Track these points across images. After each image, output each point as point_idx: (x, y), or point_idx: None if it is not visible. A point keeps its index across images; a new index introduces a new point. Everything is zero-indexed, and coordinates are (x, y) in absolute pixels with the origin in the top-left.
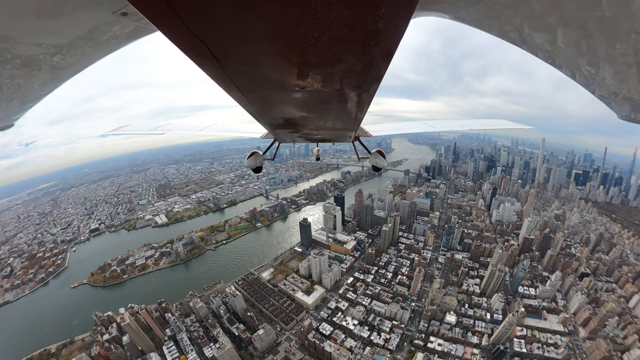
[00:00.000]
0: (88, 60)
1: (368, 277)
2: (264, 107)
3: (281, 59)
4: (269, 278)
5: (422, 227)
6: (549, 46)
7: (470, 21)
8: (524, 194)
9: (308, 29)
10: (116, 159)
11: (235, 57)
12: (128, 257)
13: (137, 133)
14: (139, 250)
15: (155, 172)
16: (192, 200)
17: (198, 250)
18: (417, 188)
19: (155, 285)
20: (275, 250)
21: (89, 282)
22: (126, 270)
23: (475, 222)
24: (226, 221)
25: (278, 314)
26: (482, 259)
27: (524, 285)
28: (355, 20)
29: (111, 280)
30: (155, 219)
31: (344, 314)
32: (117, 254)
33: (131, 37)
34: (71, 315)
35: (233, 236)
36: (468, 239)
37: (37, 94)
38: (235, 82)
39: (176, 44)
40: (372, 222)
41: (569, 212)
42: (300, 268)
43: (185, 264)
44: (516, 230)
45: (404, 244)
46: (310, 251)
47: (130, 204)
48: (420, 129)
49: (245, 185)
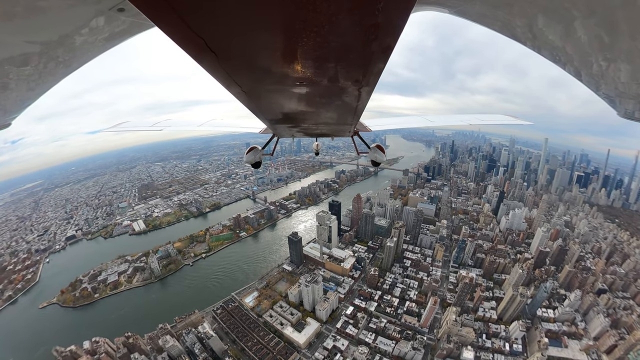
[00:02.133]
0: (85, 57)
1: (371, 304)
2: (263, 102)
3: (280, 54)
4: (252, 305)
5: (429, 238)
6: (560, 41)
7: (472, 15)
8: (529, 197)
9: (307, 23)
10: (105, 156)
11: (234, 51)
12: (101, 271)
13: (136, 130)
14: (113, 263)
15: (140, 170)
16: (174, 204)
17: (174, 266)
18: (418, 191)
19: (126, 309)
20: (260, 266)
21: (58, 301)
22: (97, 289)
23: (485, 231)
24: (207, 229)
25: (264, 355)
26: (496, 276)
27: (542, 307)
28: (354, 14)
29: (81, 300)
30: (133, 226)
31: (344, 356)
32: (90, 267)
33: (128, 33)
34: (36, 344)
35: (214, 248)
36: (480, 253)
37: (34, 92)
38: (233, 77)
39: (174, 40)
40: (372, 232)
41: (575, 217)
42: (290, 295)
43: (160, 282)
44: (527, 240)
45: (410, 260)
46: (301, 269)
47: (110, 207)
48: (419, 124)
49: (232, 185)
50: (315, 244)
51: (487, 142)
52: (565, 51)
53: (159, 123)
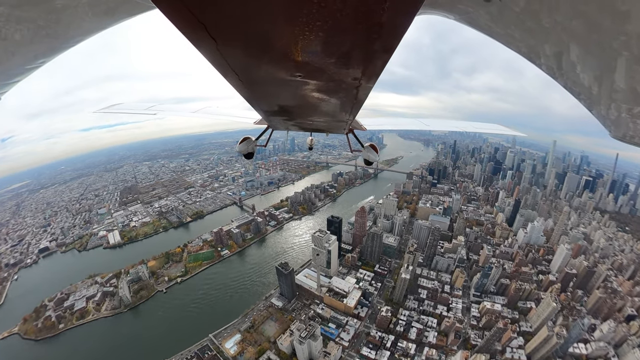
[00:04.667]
0: (78, 31)
1: (382, 354)
2: (260, 93)
3: (281, 46)
4: (234, 353)
5: (446, 261)
6: (555, 61)
7: (477, 25)
8: (544, 205)
9: (311, 17)
10: (95, 154)
11: (234, 40)
12: (69, 294)
13: (129, 112)
14: (83, 283)
15: (127, 170)
16: (154, 211)
17: (146, 292)
18: (425, 198)
19: (90, 344)
20: (244, 297)
21: (20, 331)
22: (63, 317)
23: (504, 248)
24: (185, 245)
25: None
26: (521, 304)
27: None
28: (359, 11)
29: (44, 332)
30: (109, 237)
31: None
32: (58, 288)
33: (126, 13)
34: None
35: (191, 271)
36: (504, 277)
37: (23, 66)
38: (231, 65)
39: (174, 23)
40: (379, 253)
41: (587, 225)
42: (280, 345)
43: (131, 312)
44: (547, 256)
45: (426, 290)
46: (294, 304)
47: (89, 213)
48: (415, 127)
49: (218, 189)
50: (311, 270)
51: (485, 142)
52: (562, 69)
53: (153, 107)
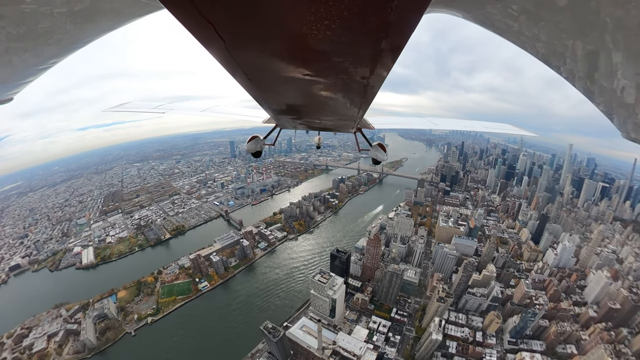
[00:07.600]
0: (91, 33)
1: None
2: (268, 92)
3: (289, 45)
4: None
5: (477, 301)
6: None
7: (485, 23)
8: (567, 218)
9: (318, 16)
10: (90, 154)
11: (242, 39)
12: (30, 329)
13: (138, 110)
14: (48, 314)
15: (116, 173)
16: (132, 224)
17: (113, 334)
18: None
19: None
20: (225, 353)
21: None
22: None
23: (535, 275)
24: (159, 272)
25: None
26: (561, 349)
27: None
28: (367, 10)
29: None
30: (82, 255)
31: None
32: (21, 318)
33: (135, 14)
34: None
35: (163, 309)
36: (542, 319)
37: (37, 67)
38: (240, 65)
39: (183, 23)
40: (396, 294)
41: (612, 239)
42: None
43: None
44: (580, 282)
45: (455, 340)
46: None
47: (69, 224)
48: (424, 126)
49: (205, 197)
50: (310, 322)
51: (488, 142)
52: (574, 66)
53: (162, 105)
